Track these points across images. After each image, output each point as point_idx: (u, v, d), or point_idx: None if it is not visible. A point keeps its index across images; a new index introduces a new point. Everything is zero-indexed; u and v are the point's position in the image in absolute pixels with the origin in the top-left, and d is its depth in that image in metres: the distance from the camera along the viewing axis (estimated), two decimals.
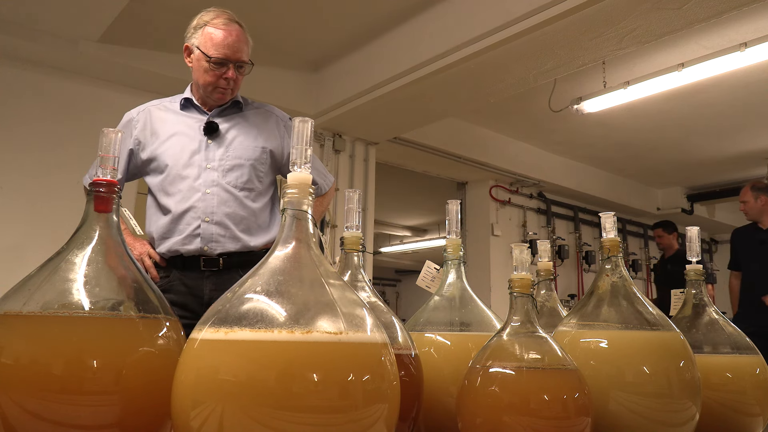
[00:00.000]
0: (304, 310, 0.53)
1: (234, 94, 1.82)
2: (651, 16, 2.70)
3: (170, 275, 1.72)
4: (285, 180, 1.94)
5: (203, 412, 0.49)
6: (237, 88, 1.80)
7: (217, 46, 1.72)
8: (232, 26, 1.75)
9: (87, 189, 1.79)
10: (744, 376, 0.87)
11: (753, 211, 3.72)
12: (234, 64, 1.73)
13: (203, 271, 1.72)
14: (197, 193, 1.72)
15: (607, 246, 0.83)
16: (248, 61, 1.77)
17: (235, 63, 1.73)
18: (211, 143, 1.78)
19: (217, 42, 1.72)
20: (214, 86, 1.76)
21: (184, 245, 1.70)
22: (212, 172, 1.74)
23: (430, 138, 4.83)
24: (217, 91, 1.77)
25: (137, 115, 1.81)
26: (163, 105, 1.84)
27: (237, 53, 1.73)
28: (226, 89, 1.77)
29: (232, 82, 1.75)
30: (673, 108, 4.75)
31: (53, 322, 0.58)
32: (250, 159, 1.79)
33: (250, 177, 1.79)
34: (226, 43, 1.72)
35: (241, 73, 1.77)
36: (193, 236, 1.70)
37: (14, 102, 3.24)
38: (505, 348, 0.68)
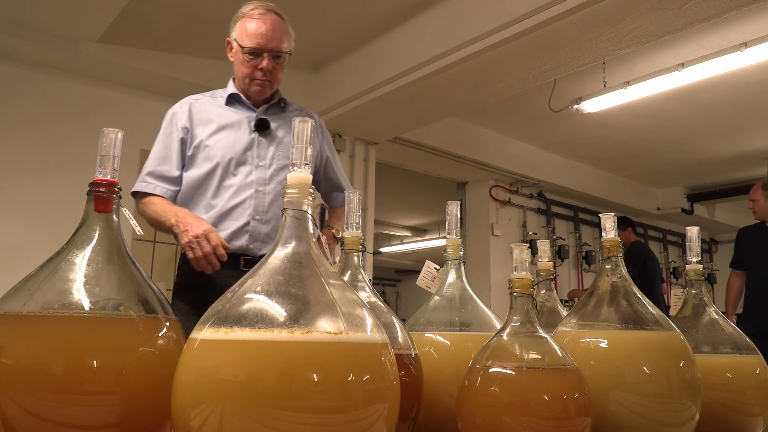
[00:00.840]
0: (304, 310, 0.53)
1: (274, 88, 1.78)
2: (651, 16, 2.70)
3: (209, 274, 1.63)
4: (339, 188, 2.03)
5: (203, 412, 0.49)
6: (276, 81, 1.76)
7: (250, 36, 1.68)
8: (267, 16, 1.71)
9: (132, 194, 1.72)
10: (744, 376, 0.87)
11: (762, 210, 3.72)
12: (269, 54, 1.69)
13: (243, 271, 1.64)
14: (249, 190, 1.70)
15: (607, 246, 0.84)
16: (285, 50, 1.72)
17: (270, 53, 1.69)
18: (262, 140, 1.76)
19: (251, 32, 1.68)
20: (251, 78, 1.73)
21: (230, 240, 1.66)
22: (264, 170, 1.73)
23: (430, 138, 4.83)
24: (254, 84, 1.74)
25: (179, 109, 1.78)
26: (205, 99, 1.81)
27: (271, 42, 1.68)
28: (263, 81, 1.73)
29: (269, 74, 1.71)
30: (673, 108, 4.75)
31: (53, 322, 0.58)
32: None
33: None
34: (259, 33, 1.68)
35: (278, 63, 1.72)
36: (242, 232, 1.69)
37: (14, 102, 3.24)
38: (505, 348, 0.68)
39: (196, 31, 3.53)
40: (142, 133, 3.63)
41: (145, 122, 3.69)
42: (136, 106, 3.61)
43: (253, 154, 1.73)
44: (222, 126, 1.74)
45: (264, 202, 1.71)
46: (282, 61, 1.73)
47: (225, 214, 1.69)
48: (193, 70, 3.54)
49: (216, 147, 1.71)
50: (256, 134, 1.75)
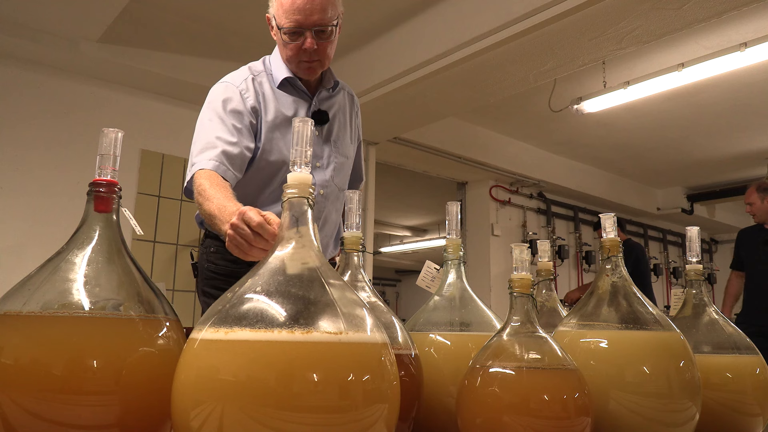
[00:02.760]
0: (304, 310, 0.53)
1: (325, 66, 1.54)
2: (651, 16, 2.70)
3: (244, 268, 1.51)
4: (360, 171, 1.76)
5: (203, 412, 0.49)
6: (327, 59, 1.51)
7: (287, 12, 1.42)
8: None
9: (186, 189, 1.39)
10: (744, 376, 0.87)
11: (760, 212, 3.73)
12: (311, 31, 1.43)
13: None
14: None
15: (607, 246, 0.83)
16: (331, 22, 1.45)
17: (311, 29, 1.43)
18: (317, 137, 1.56)
19: (286, 8, 1.42)
20: (297, 61, 1.49)
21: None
22: (323, 171, 1.55)
23: (430, 138, 4.83)
24: (302, 66, 1.50)
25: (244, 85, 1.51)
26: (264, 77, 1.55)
27: (311, 16, 1.41)
28: (311, 62, 1.48)
29: (315, 53, 1.46)
30: (673, 108, 4.75)
31: (53, 322, 0.58)
32: (350, 157, 1.61)
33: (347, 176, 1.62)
34: (295, 8, 1.41)
35: (324, 38, 1.46)
36: None
37: (14, 102, 3.24)
38: (505, 348, 0.68)
39: (196, 31, 3.53)
40: (142, 133, 3.64)
41: (145, 122, 3.71)
42: (136, 106, 3.61)
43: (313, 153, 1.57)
44: (285, 117, 1.51)
45: (321, 207, 1.54)
46: (328, 36, 1.47)
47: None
48: (193, 70, 3.54)
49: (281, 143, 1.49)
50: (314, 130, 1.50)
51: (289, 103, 1.54)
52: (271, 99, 1.52)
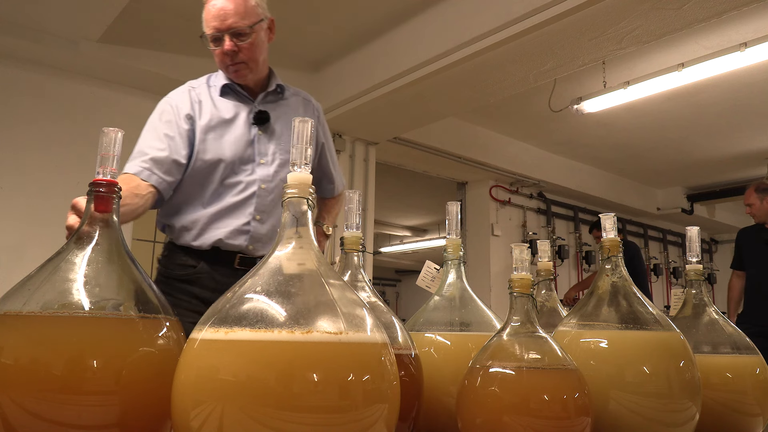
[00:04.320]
0: (304, 310, 0.53)
1: (255, 69, 1.64)
2: (651, 16, 2.70)
3: (198, 266, 1.60)
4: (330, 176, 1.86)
5: (203, 412, 0.49)
6: (252, 61, 1.61)
7: (207, 21, 1.57)
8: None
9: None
10: (744, 376, 0.87)
11: (760, 213, 3.73)
12: (229, 35, 1.55)
13: (236, 269, 1.61)
14: (252, 188, 1.61)
15: (607, 246, 0.83)
16: (246, 24, 1.55)
17: (228, 32, 1.55)
18: (262, 135, 1.65)
19: (207, 17, 1.57)
20: (225, 66, 1.62)
21: (228, 239, 1.58)
22: (266, 168, 1.63)
23: (430, 138, 4.83)
24: (230, 70, 1.62)
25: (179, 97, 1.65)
26: (202, 89, 1.68)
27: (226, 21, 1.54)
28: (236, 66, 1.60)
29: (236, 55, 1.57)
30: (673, 108, 4.75)
31: (53, 322, 0.58)
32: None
33: None
34: (212, 15, 1.55)
35: (243, 41, 1.56)
36: (241, 232, 1.60)
37: (14, 102, 3.24)
38: (505, 348, 0.68)
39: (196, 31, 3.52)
40: None
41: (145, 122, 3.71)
42: (136, 106, 3.61)
43: (255, 151, 1.63)
44: (222, 120, 1.63)
45: (266, 201, 1.63)
46: (247, 38, 1.57)
47: (224, 213, 1.59)
48: (193, 70, 3.53)
49: (217, 143, 1.60)
50: (256, 129, 1.65)
51: (230, 107, 1.66)
52: (208, 105, 1.64)
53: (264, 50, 1.67)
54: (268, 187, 1.63)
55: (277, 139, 1.67)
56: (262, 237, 1.63)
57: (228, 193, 1.60)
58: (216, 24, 1.55)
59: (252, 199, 1.61)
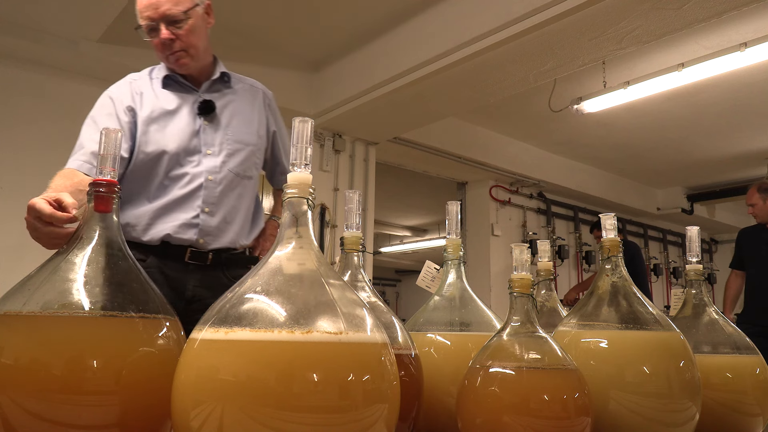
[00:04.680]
0: (304, 310, 0.53)
1: (195, 56, 1.59)
2: (651, 16, 2.70)
3: (147, 261, 1.54)
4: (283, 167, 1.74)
5: (203, 412, 0.49)
6: (192, 47, 1.56)
7: (140, 12, 1.52)
8: None
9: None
10: (744, 376, 0.87)
11: (762, 213, 3.72)
12: (164, 23, 1.50)
13: (187, 263, 1.56)
14: (199, 180, 1.56)
15: (607, 246, 0.83)
16: (180, 11, 1.50)
17: (163, 20, 1.50)
18: (208, 125, 1.60)
19: (139, 8, 1.52)
20: (165, 57, 1.56)
21: (177, 233, 1.53)
22: (213, 158, 1.58)
23: (430, 138, 4.83)
24: (170, 60, 1.56)
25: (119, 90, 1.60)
26: (143, 81, 1.62)
27: (158, 9, 1.49)
28: (175, 54, 1.55)
29: (173, 44, 1.53)
30: (673, 108, 4.75)
31: (53, 322, 0.58)
32: (249, 144, 1.65)
33: (250, 164, 1.65)
34: (144, 5, 1.50)
35: (179, 28, 1.52)
36: (189, 226, 1.54)
37: (14, 102, 3.24)
38: (505, 348, 0.68)
39: None
40: None
41: None
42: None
43: (200, 142, 1.58)
44: (164, 111, 1.58)
45: (214, 193, 1.57)
46: (183, 24, 1.52)
47: (171, 206, 1.54)
48: None
49: (159, 135, 1.55)
50: (201, 119, 1.60)
51: (173, 98, 1.60)
52: (149, 97, 1.59)
53: (203, 36, 1.60)
54: (216, 179, 1.58)
55: (224, 129, 1.62)
56: (212, 230, 1.57)
57: (174, 186, 1.55)
58: (149, 13, 1.50)
59: (199, 192, 1.55)
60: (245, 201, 1.65)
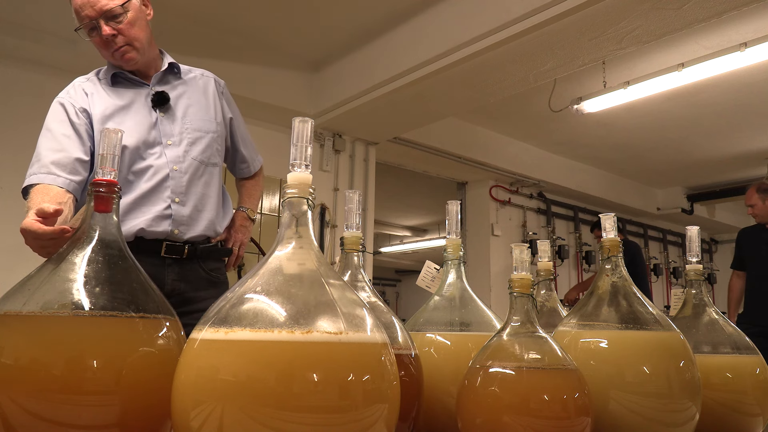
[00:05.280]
0: (304, 310, 0.53)
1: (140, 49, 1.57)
2: (651, 16, 2.70)
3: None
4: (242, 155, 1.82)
5: (203, 412, 0.49)
6: (135, 40, 1.54)
7: (77, 12, 1.50)
8: None
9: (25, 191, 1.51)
10: (744, 376, 0.87)
11: (762, 213, 3.72)
12: (102, 19, 1.48)
13: (164, 258, 1.56)
14: (164, 171, 1.55)
15: (607, 246, 0.83)
16: (118, 5, 1.48)
17: (101, 17, 1.48)
18: (164, 117, 1.60)
19: (76, 9, 1.49)
20: (110, 54, 1.55)
21: (151, 227, 1.52)
22: (175, 148, 1.58)
23: (430, 138, 4.83)
24: (116, 56, 1.55)
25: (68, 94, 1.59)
26: (91, 82, 1.62)
27: (95, 6, 1.46)
28: (119, 50, 1.53)
29: (116, 39, 1.51)
30: (673, 108, 4.75)
31: (53, 322, 0.58)
32: (209, 131, 1.65)
33: (212, 151, 1.65)
34: (79, 5, 1.47)
35: (120, 22, 1.50)
36: (162, 217, 1.54)
37: (14, 102, 3.24)
38: (505, 348, 0.68)
39: (195, 31, 3.53)
40: None
41: None
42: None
43: (159, 133, 1.57)
44: (117, 109, 1.56)
45: (182, 182, 1.57)
46: (122, 18, 1.50)
47: (141, 200, 1.53)
48: None
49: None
50: (157, 111, 1.59)
51: (124, 94, 1.60)
52: (101, 96, 1.58)
53: (145, 28, 1.59)
54: (181, 168, 1.58)
55: (181, 119, 1.62)
56: (185, 219, 1.57)
57: (139, 180, 1.54)
58: (87, 12, 1.47)
59: (166, 182, 1.55)
60: (213, 188, 1.66)
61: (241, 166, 1.88)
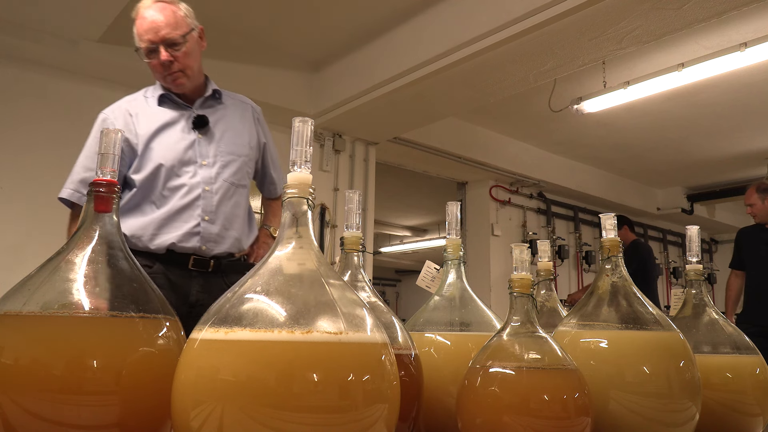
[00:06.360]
0: (304, 310, 0.53)
1: (192, 77, 1.71)
2: (651, 16, 2.70)
3: (153, 267, 1.63)
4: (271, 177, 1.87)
5: (203, 412, 0.49)
6: (188, 69, 1.68)
7: (140, 36, 1.64)
8: (150, 8, 1.64)
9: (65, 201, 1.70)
10: (744, 376, 0.87)
11: (761, 213, 3.72)
12: (163, 45, 1.63)
13: (191, 270, 1.66)
14: (196, 191, 1.66)
15: (607, 246, 0.83)
16: (178, 34, 1.63)
17: (162, 43, 1.62)
18: (202, 138, 1.71)
19: (139, 32, 1.65)
20: (163, 76, 1.68)
21: (181, 242, 1.63)
22: (209, 169, 1.69)
23: (430, 138, 4.83)
24: (168, 80, 1.68)
25: (112, 113, 1.72)
26: (138, 102, 1.74)
27: (159, 32, 1.61)
28: (172, 74, 1.66)
29: (172, 65, 1.65)
30: (673, 108, 4.75)
31: (53, 322, 0.58)
32: (241, 155, 1.75)
33: (242, 174, 1.76)
34: (144, 28, 1.63)
35: (177, 50, 1.64)
36: (192, 234, 1.64)
37: (14, 102, 3.24)
38: (505, 348, 0.68)
39: None
40: None
41: None
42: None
43: (196, 154, 1.68)
44: (160, 127, 1.68)
45: (212, 202, 1.67)
46: (181, 47, 1.64)
47: (173, 216, 1.64)
48: None
49: (157, 150, 1.66)
50: (196, 132, 1.70)
51: (168, 115, 1.72)
52: (146, 116, 1.70)
53: (197, 58, 1.73)
54: (212, 189, 1.68)
55: (217, 142, 1.73)
56: (214, 237, 1.67)
57: (174, 196, 1.65)
58: (150, 36, 1.62)
59: (198, 202, 1.66)
60: (241, 209, 1.76)
61: (270, 187, 1.99)
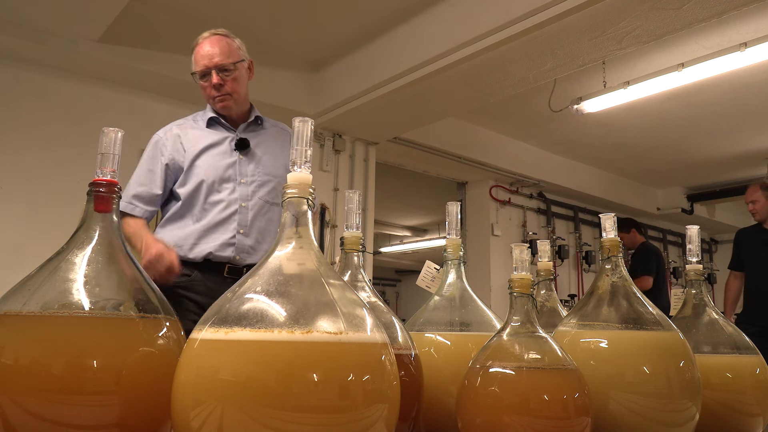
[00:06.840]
0: (304, 310, 0.53)
1: (238, 101, 1.90)
2: (651, 16, 2.70)
3: (192, 275, 1.79)
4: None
5: (203, 412, 0.49)
6: (235, 93, 1.88)
7: (197, 61, 1.86)
8: (208, 38, 1.86)
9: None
10: (744, 376, 0.87)
11: (763, 211, 3.71)
12: (215, 70, 1.83)
13: (225, 277, 1.81)
14: (234, 206, 1.83)
15: (607, 246, 0.83)
16: (230, 62, 1.85)
17: (215, 68, 1.83)
18: (243, 159, 1.89)
19: (196, 58, 1.86)
20: (212, 99, 1.87)
21: (218, 252, 1.80)
22: (246, 187, 1.86)
23: (430, 138, 4.83)
24: (216, 102, 1.88)
25: (164, 135, 1.90)
26: (188, 123, 1.94)
27: (213, 59, 1.83)
28: (221, 97, 1.86)
29: (221, 88, 1.84)
30: (673, 108, 4.75)
31: (53, 322, 0.58)
32: (277, 176, 1.92)
33: (277, 193, 1.89)
34: (200, 55, 1.84)
35: (227, 76, 1.85)
36: (228, 245, 1.81)
37: (14, 102, 3.24)
38: (505, 348, 0.68)
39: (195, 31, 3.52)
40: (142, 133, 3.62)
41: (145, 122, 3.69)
42: (136, 106, 3.61)
43: (236, 172, 1.86)
44: (206, 147, 1.87)
45: (247, 217, 1.84)
46: (230, 74, 1.86)
47: (212, 229, 1.81)
48: None
49: (201, 167, 1.84)
50: (237, 153, 1.89)
51: (215, 135, 1.91)
52: (194, 137, 1.89)
53: (245, 85, 1.93)
54: (248, 205, 1.86)
55: (256, 163, 1.91)
56: (247, 248, 1.84)
57: (213, 210, 1.83)
58: (206, 62, 1.84)
59: (234, 216, 1.83)
60: (274, 224, 1.92)
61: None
